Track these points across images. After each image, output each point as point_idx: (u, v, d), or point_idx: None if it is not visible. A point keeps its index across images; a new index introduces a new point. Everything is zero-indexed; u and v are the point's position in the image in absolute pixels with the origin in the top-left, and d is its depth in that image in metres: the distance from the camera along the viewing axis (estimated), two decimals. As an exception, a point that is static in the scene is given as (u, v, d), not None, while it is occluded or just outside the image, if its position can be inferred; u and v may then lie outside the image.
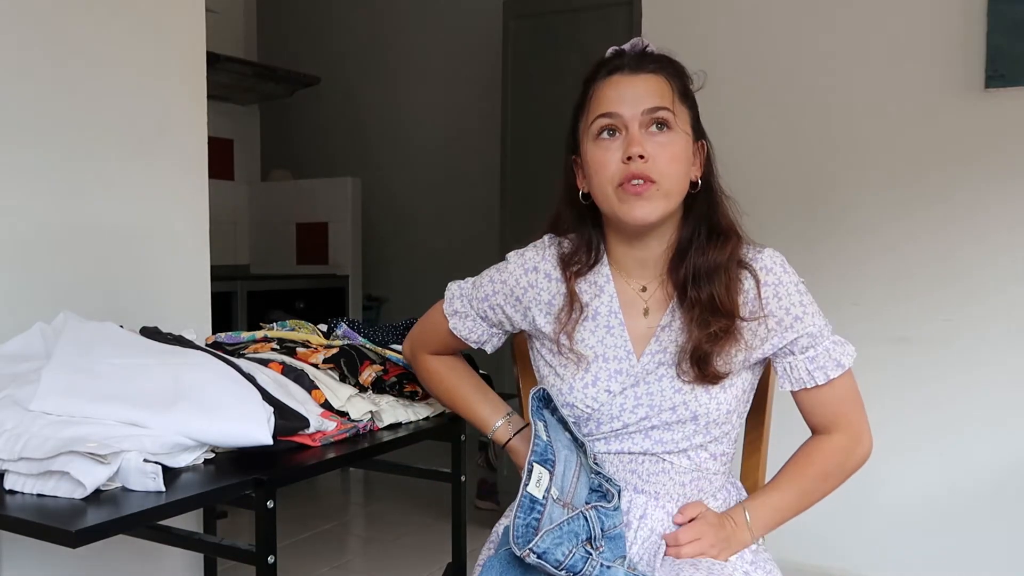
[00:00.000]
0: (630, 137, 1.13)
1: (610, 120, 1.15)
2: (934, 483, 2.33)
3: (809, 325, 1.17)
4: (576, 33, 3.11)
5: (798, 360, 1.18)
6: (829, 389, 1.19)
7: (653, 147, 1.13)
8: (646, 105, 1.14)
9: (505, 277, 1.28)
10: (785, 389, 1.22)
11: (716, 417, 1.17)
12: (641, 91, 1.15)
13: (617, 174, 1.14)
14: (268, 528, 1.14)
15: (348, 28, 4.62)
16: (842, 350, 1.20)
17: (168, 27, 1.93)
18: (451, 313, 1.33)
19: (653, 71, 1.17)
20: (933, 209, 2.32)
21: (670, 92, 1.16)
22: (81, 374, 1.24)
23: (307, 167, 4.61)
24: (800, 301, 1.18)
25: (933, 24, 2.30)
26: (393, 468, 1.84)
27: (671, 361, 1.17)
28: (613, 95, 1.15)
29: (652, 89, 1.15)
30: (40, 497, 1.07)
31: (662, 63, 1.18)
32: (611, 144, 1.15)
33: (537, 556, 0.98)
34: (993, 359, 2.25)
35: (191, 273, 2.01)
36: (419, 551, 2.82)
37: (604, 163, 1.15)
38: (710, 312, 1.15)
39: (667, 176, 1.13)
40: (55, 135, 1.72)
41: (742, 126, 2.49)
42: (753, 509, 1.19)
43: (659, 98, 1.14)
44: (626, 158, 1.13)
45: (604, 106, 1.15)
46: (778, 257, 1.20)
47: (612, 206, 1.16)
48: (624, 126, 1.14)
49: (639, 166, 1.12)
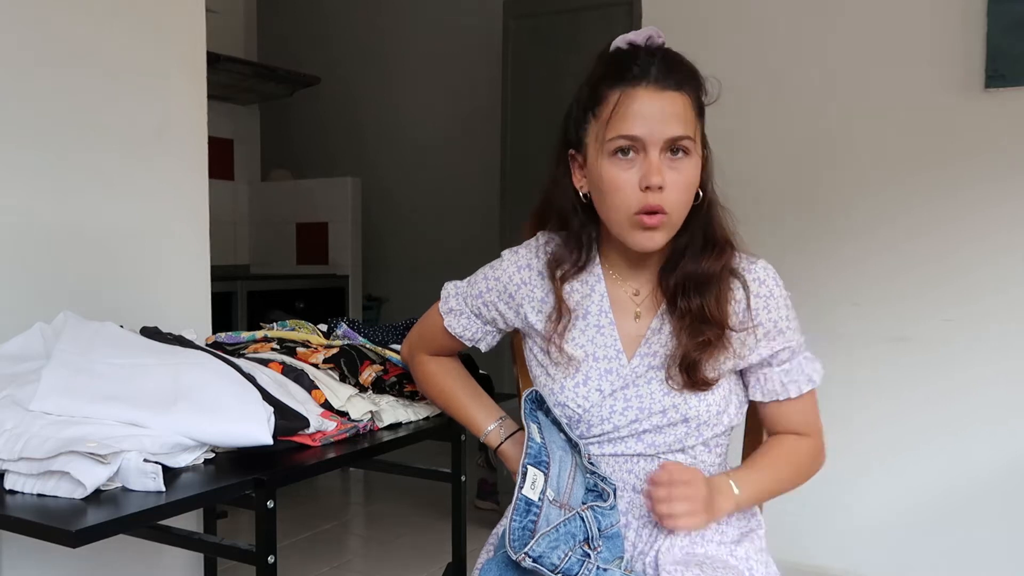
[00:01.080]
0: (649, 164, 1.09)
1: (629, 143, 1.10)
2: (933, 483, 2.33)
3: (791, 340, 1.20)
4: (576, 33, 3.11)
5: (774, 372, 1.20)
6: (799, 402, 1.22)
7: (671, 176, 1.10)
8: (671, 134, 1.10)
9: (499, 274, 1.28)
10: (755, 399, 1.23)
11: (707, 419, 1.17)
12: (668, 113, 1.10)
13: (634, 203, 1.11)
14: (268, 528, 1.15)
15: (348, 28, 4.62)
16: (813, 366, 1.22)
17: (168, 27, 1.93)
18: (446, 311, 1.33)
19: (678, 87, 1.11)
20: (933, 209, 2.32)
21: (692, 114, 1.12)
22: (81, 374, 1.24)
23: (307, 167, 4.61)
24: (786, 315, 1.20)
25: (933, 24, 2.30)
26: (393, 468, 1.84)
27: (660, 366, 1.18)
28: (636, 115, 1.09)
29: (678, 113, 1.10)
30: (40, 497, 1.07)
31: (686, 76, 1.13)
32: (628, 166, 1.11)
33: (533, 560, 0.98)
34: (992, 359, 2.25)
35: (191, 273, 2.01)
36: (419, 551, 2.82)
37: (619, 187, 1.11)
38: (700, 321, 1.15)
39: (678, 207, 1.13)
40: (55, 135, 1.72)
41: (742, 126, 2.49)
42: (737, 479, 1.18)
43: (683, 125, 1.10)
44: (644, 187, 1.10)
45: (626, 127, 1.10)
46: (771, 270, 1.21)
47: (622, 231, 1.14)
48: (643, 148, 1.10)
49: (656, 197, 1.10)
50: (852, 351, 2.42)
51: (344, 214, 4.14)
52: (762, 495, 1.22)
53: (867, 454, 2.41)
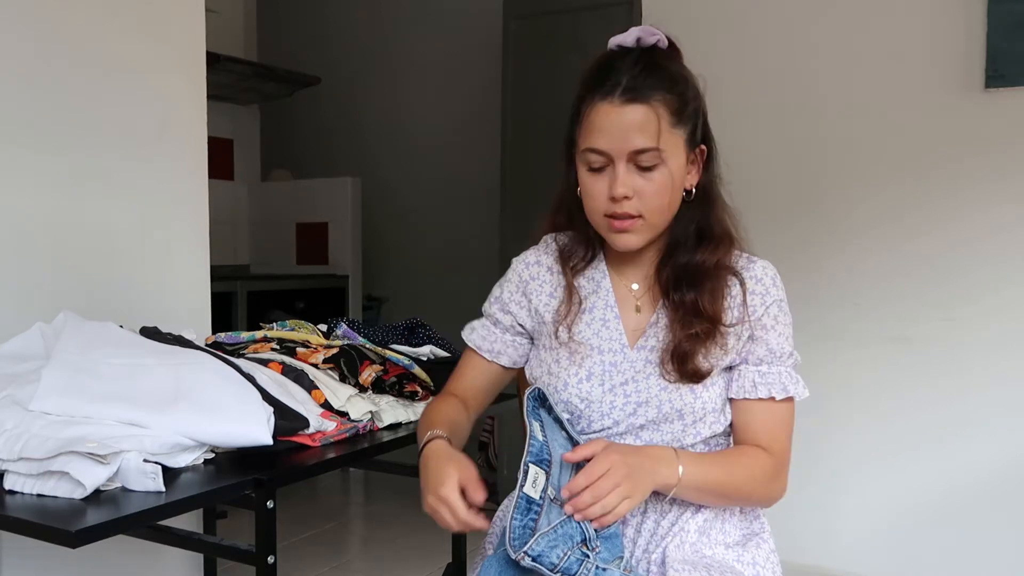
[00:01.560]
0: (615, 176, 1.13)
1: (597, 156, 1.14)
2: (934, 483, 2.33)
3: (774, 342, 1.19)
4: (576, 33, 3.11)
5: (749, 370, 1.19)
6: (767, 407, 1.19)
7: (639, 183, 1.13)
8: (632, 147, 1.12)
9: (510, 276, 1.32)
10: (728, 396, 1.21)
11: (702, 415, 1.17)
12: (629, 127, 1.11)
13: (603, 207, 1.16)
14: (268, 528, 1.15)
15: (348, 28, 4.62)
16: (794, 382, 1.20)
17: (168, 27, 1.93)
18: (468, 332, 1.35)
19: (644, 100, 1.12)
20: (933, 208, 2.32)
21: (656, 125, 1.12)
22: (81, 374, 1.24)
23: (307, 167, 4.60)
24: (777, 317, 1.19)
25: (933, 24, 2.30)
26: (393, 468, 1.84)
27: (657, 360, 1.19)
28: (601, 129, 1.13)
29: (639, 125, 1.11)
30: (40, 497, 1.07)
31: (660, 84, 1.13)
32: (599, 178, 1.16)
33: (532, 559, 0.98)
34: (993, 359, 2.25)
35: (191, 273, 2.01)
36: (419, 551, 2.82)
37: (593, 195, 1.17)
38: (693, 315, 1.17)
39: (653, 211, 1.15)
40: (55, 135, 1.72)
41: (741, 126, 2.49)
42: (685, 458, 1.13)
43: (645, 137, 1.11)
44: (610, 197, 1.14)
45: (592, 140, 1.14)
46: (771, 270, 1.22)
47: (600, 231, 1.20)
48: (611, 160, 1.14)
49: (623, 206, 1.14)
50: (853, 351, 2.42)
51: (344, 214, 4.13)
52: (707, 485, 1.14)
53: (867, 454, 2.41)
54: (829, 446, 2.44)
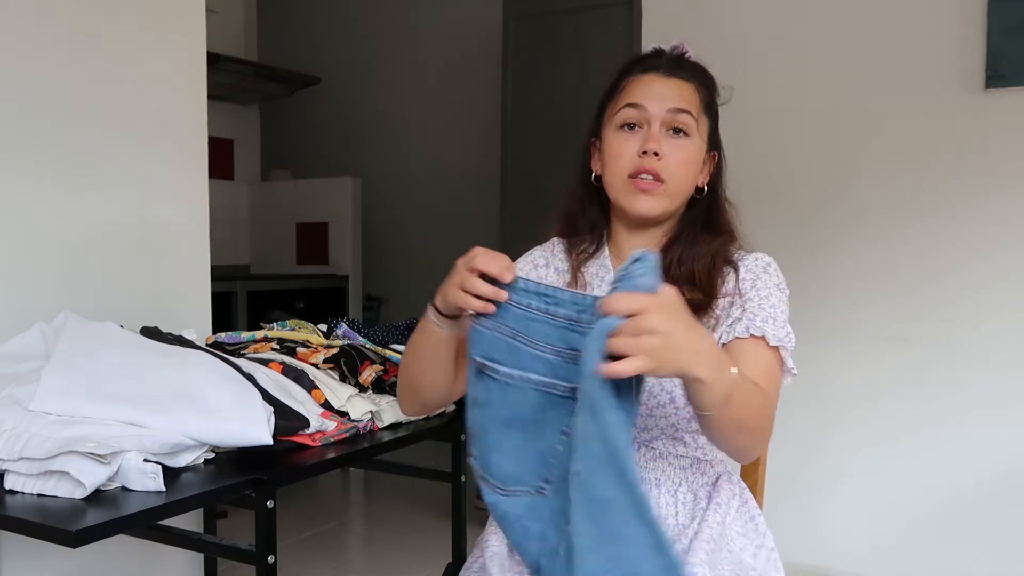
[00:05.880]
0: (650, 133, 1.19)
1: (635, 111, 1.20)
2: (934, 482, 2.33)
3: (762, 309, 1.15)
4: (576, 33, 3.11)
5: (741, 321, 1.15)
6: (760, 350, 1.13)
7: (669, 147, 1.18)
8: (672, 104, 1.19)
9: None
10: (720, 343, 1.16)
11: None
12: (671, 92, 1.20)
13: (630, 165, 1.19)
14: (268, 528, 1.15)
15: (348, 28, 4.62)
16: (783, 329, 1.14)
17: (168, 27, 1.93)
18: None
19: (685, 78, 1.22)
20: (932, 208, 2.32)
21: (697, 100, 1.21)
22: (81, 374, 1.24)
23: (307, 167, 4.61)
24: (770, 295, 1.17)
25: (933, 24, 2.30)
26: (393, 468, 1.84)
27: None
28: (643, 90, 1.21)
29: (681, 93, 1.20)
30: (40, 497, 1.07)
31: (695, 72, 1.24)
32: (631, 136, 1.20)
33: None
34: (993, 358, 2.25)
35: (191, 273, 2.01)
36: (419, 551, 2.82)
37: (620, 154, 1.20)
38: (687, 283, 1.18)
39: (676, 177, 1.19)
40: (55, 135, 1.72)
41: (743, 127, 2.49)
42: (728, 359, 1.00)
43: (685, 102, 1.20)
44: (641, 152, 1.18)
45: (633, 97, 1.20)
46: (766, 259, 1.23)
47: (619, 195, 1.22)
48: (647, 121, 1.19)
49: (652, 162, 1.18)
50: (852, 351, 2.42)
51: (344, 214, 4.14)
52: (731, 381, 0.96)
53: (867, 454, 2.41)
54: (828, 445, 2.44)
